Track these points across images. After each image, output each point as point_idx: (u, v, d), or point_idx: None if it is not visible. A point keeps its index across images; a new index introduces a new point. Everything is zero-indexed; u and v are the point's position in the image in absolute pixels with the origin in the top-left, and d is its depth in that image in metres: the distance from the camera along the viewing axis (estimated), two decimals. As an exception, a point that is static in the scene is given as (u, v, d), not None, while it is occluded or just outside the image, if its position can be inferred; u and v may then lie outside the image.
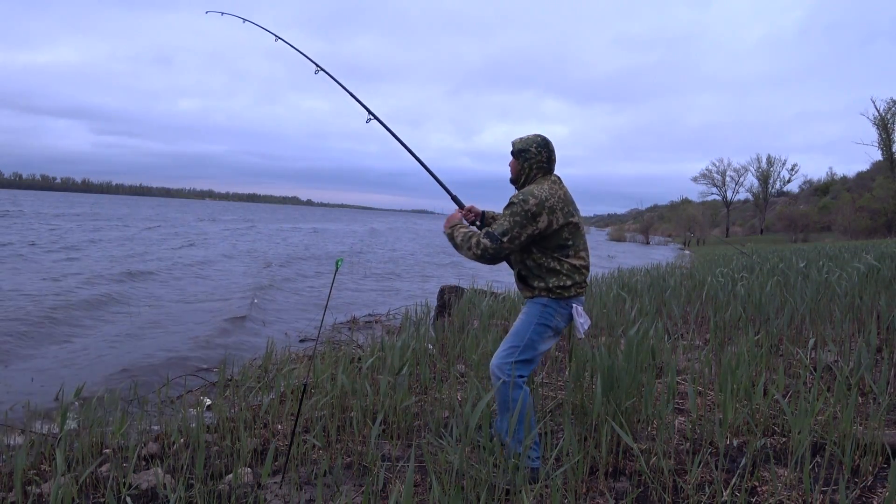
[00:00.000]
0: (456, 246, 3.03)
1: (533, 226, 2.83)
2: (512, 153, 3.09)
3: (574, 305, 2.96)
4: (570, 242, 2.94)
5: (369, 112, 3.68)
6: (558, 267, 2.92)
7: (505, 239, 2.83)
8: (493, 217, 3.31)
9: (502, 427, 2.91)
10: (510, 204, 2.89)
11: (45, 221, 38.49)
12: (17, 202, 70.90)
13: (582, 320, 2.96)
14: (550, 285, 2.92)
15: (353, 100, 3.77)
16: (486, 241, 2.86)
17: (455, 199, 3.38)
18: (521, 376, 2.91)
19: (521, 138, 3.09)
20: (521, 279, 3.04)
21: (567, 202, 2.95)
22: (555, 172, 3.08)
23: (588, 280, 3.07)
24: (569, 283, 2.92)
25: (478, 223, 3.31)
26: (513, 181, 3.12)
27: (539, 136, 3.06)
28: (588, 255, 3.05)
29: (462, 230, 3.03)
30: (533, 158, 3.01)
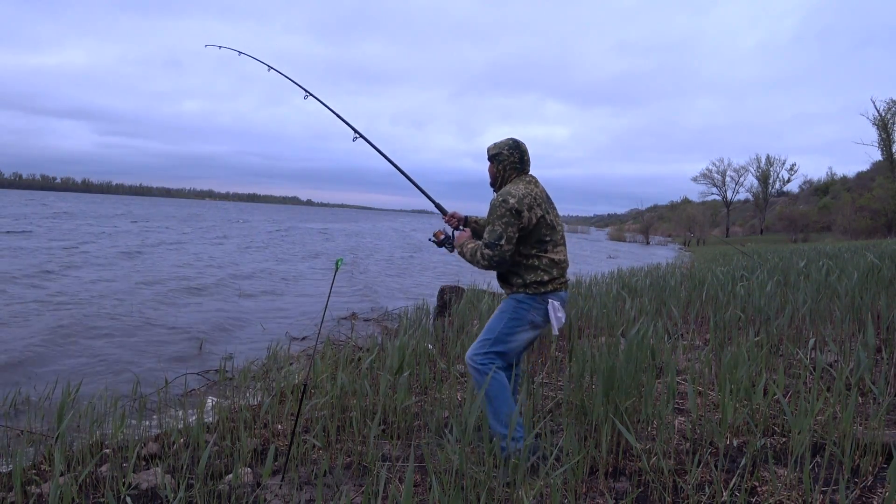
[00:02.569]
0: (467, 260, 3.15)
1: (519, 222, 2.99)
2: (488, 158, 3.26)
3: (551, 301, 3.08)
4: (548, 238, 3.09)
5: (355, 131, 3.86)
6: (537, 262, 3.06)
7: (502, 242, 2.99)
8: (476, 221, 3.48)
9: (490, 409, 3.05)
10: (493, 208, 3.05)
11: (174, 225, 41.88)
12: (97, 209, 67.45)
13: (559, 315, 3.08)
14: (528, 281, 3.07)
15: (341, 120, 3.96)
16: (487, 251, 3.02)
17: (438, 206, 3.58)
18: (495, 365, 3.04)
19: (494, 143, 3.25)
20: (501, 277, 3.20)
21: (543, 199, 3.11)
22: (530, 172, 3.24)
23: (567, 276, 3.23)
24: (546, 278, 3.06)
25: (461, 227, 3.47)
26: (492, 184, 3.30)
27: (510, 139, 3.22)
28: (565, 251, 3.20)
29: (469, 245, 3.15)
30: (506, 160, 3.18)
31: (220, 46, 4.75)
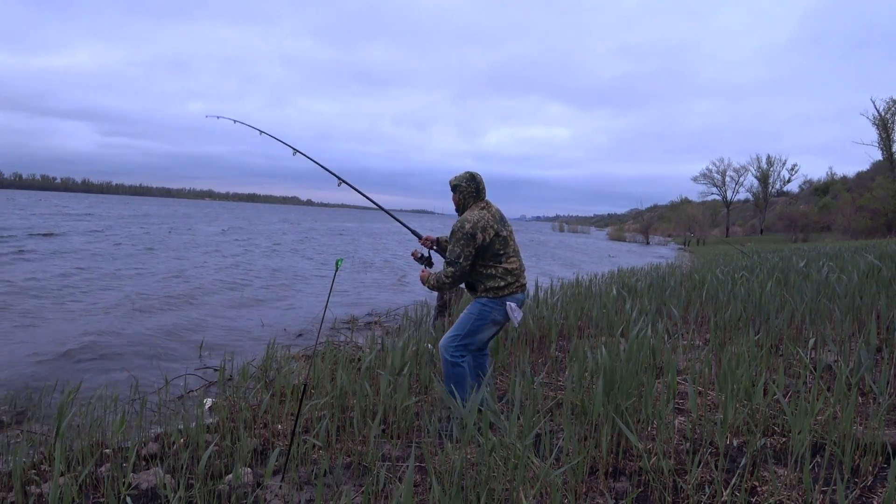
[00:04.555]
0: (435, 288, 3.80)
1: (474, 243, 3.62)
2: (451, 189, 3.87)
3: (508, 302, 3.70)
4: (502, 251, 3.70)
5: (339, 178, 4.46)
6: (494, 272, 3.69)
7: (461, 260, 3.64)
8: (446, 240, 4.02)
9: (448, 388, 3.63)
10: (453, 233, 3.68)
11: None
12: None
13: (516, 314, 3.70)
14: (488, 286, 3.70)
15: (328, 172, 4.55)
16: (450, 269, 3.67)
17: (414, 232, 4.20)
18: (462, 356, 3.68)
19: (455, 177, 3.85)
20: (469, 286, 3.83)
21: (495, 220, 3.71)
22: (486, 198, 3.84)
23: (524, 276, 3.82)
24: (502, 283, 3.69)
25: (434, 247, 4.09)
26: (456, 209, 3.89)
27: (467, 172, 3.84)
28: (519, 259, 3.82)
29: (432, 277, 3.81)
30: (465, 190, 3.80)
31: (219, 117, 5.38)
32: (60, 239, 23.38)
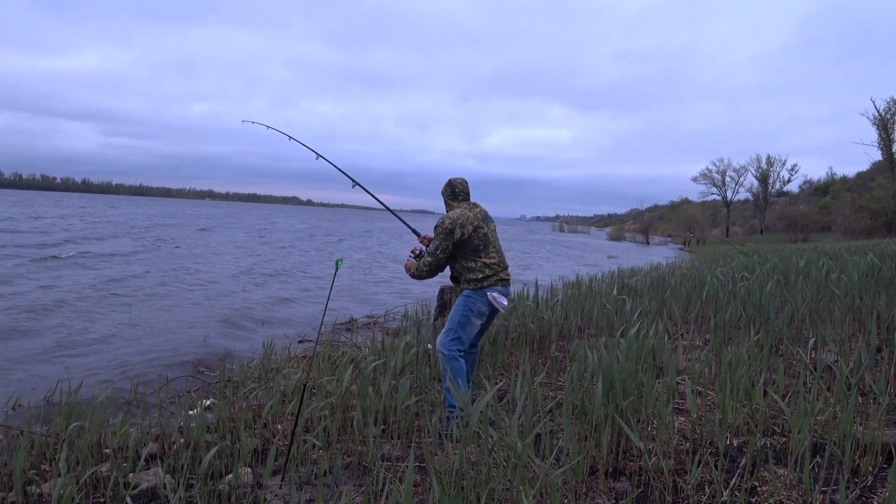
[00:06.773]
0: (416, 277, 4.07)
1: (452, 238, 3.93)
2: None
3: (489, 293, 3.96)
4: (482, 247, 3.99)
5: (354, 181, 4.83)
6: (474, 265, 3.98)
7: (438, 252, 3.95)
8: None
9: (445, 385, 3.86)
10: (434, 228, 4.01)
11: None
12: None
13: (501, 300, 3.97)
14: (469, 279, 3.99)
15: (346, 176, 4.87)
16: (427, 259, 4.00)
17: (415, 231, 4.52)
18: (459, 350, 3.90)
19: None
20: (453, 279, 4.15)
21: (476, 218, 4.00)
22: (471, 200, 4.16)
23: (505, 272, 4.07)
24: (481, 276, 3.96)
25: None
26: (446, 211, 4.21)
27: (447, 180, 4.20)
28: (499, 254, 4.09)
29: (413, 267, 4.09)
30: (443, 195, 4.19)
31: (254, 122, 5.64)
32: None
